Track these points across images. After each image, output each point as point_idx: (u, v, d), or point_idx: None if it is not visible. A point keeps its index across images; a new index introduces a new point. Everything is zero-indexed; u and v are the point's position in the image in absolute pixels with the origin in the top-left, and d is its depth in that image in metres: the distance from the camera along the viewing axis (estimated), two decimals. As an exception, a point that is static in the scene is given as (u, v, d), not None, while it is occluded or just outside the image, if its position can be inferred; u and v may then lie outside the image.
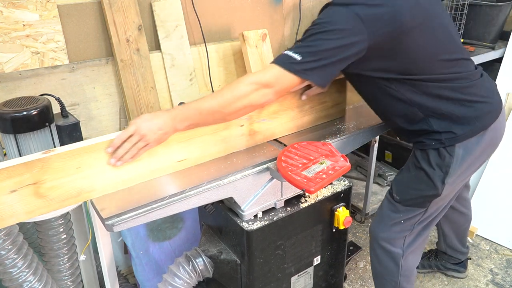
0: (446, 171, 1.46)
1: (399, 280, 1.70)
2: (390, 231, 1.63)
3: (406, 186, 1.57)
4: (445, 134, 1.44)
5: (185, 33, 2.27)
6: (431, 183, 1.48)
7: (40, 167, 1.11)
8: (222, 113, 1.27)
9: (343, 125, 1.70)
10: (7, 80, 1.84)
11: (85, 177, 1.19)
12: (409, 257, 1.68)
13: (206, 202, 1.31)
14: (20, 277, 1.42)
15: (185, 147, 1.35)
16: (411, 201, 1.55)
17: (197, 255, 1.57)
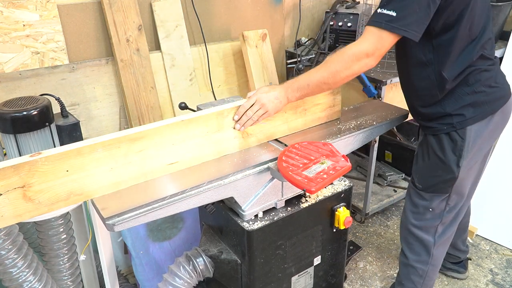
0: (459, 154, 1.51)
1: (428, 269, 1.76)
2: (422, 219, 1.69)
3: (425, 174, 1.63)
4: (457, 117, 1.49)
5: (185, 33, 2.27)
6: (448, 168, 1.54)
7: (27, 170, 1.08)
8: (328, 84, 1.42)
9: (343, 125, 1.70)
10: (7, 80, 1.84)
11: (74, 180, 1.17)
12: (440, 247, 1.74)
13: (206, 202, 1.31)
14: (20, 277, 1.41)
15: (177, 150, 1.33)
16: (433, 188, 1.61)
17: (197, 255, 1.57)
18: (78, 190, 1.19)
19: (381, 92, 2.14)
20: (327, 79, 1.40)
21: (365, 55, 1.35)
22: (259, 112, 1.42)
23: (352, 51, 1.36)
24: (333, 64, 1.39)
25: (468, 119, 1.48)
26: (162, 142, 1.29)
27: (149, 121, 2.16)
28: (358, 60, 1.36)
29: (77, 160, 1.15)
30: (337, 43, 2.60)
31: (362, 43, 1.36)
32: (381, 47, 1.35)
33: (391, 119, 1.78)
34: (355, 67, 1.38)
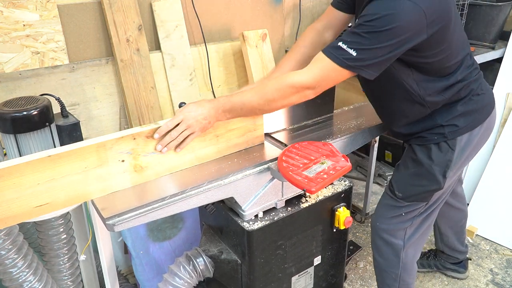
0: (447, 164, 1.48)
1: (400, 272, 1.73)
2: (390, 223, 1.66)
3: (408, 183, 1.58)
4: (448, 128, 1.46)
5: (185, 33, 2.27)
6: (433, 178, 1.50)
7: None
8: (263, 110, 1.37)
9: (343, 125, 1.70)
10: (7, 80, 1.84)
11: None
12: (409, 249, 1.70)
13: (207, 202, 1.31)
14: (20, 277, 1.41)
15: (46, 190, 1.15)
16: (414, 197, 1.57)
17: (197, 255, 1.57)
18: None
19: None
20: (262, 106, 1.32)
21: (306, 88, 1.28)
22: (185, 133, 1.28)
23: (293, 82, 1.28)
24: (270, 91, 1.30)
25: (460, 129, 1.46)
26: (24, 182, 1.10)
27: (149, 121, 2.16)
28: (297, 92, 1.29)
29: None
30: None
31: (306, 74, 1.28)
32: (328, 81, 1.28)
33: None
34: (293, 98, 1.31)
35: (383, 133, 1.85)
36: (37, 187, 1.12)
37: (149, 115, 2.16)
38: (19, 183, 1.09)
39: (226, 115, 1.33)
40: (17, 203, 1.11)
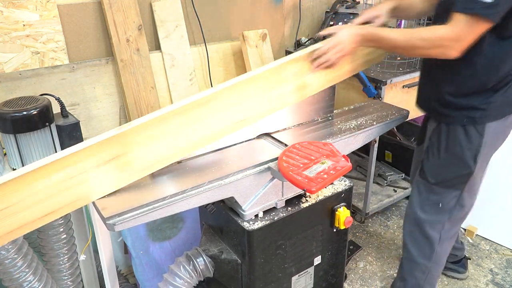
0: (477, 149, 1.52)
1: (431, 265, 1.76)
2: (430, 214, 1.68)
3: (440, 169, 1.61)
4: (480, 112, 1.48)
5: (185, 33, 2.27)
6: (464, 163, 1.55)
7: (118, 142, 1.16)
8: (403, 51, 1.46)
9: (343, 125, 1.70)
10: (7, 80, 1.84)
11: (159, 147, 1.24)
12: (444, 244, 1.73)
13: (207, 201, 1.31)
14: (20, 277, 1.41)
15: (243, 108, 1.39)
16: (448, 183, 1.61)
17: (197, 254, 1.57)
18: (163, 156, 1.26)
19: (381, 92, 2.14)
20: (403, 48, 1.42)
21: (450, 42, 1.31)
22: (338, 54, 1.48)
23: (439, 34, 1.33)
24: (416, 38, 1.38)
25: (489, 116, 1.48)
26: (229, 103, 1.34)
27: (149, 121, 2.16)
28: (440, 46, 1.34)
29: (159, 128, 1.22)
30: (337, 43, 2.60)
31: (451, 28, 1.30)
32: (472, 34, 1.29)
33: (391, 119, 1.78)
34: (435, 52, 1.36)
35: (383, 133, 1.85)
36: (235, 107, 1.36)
37: (149, 115, 2.16)
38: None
39: (369, 43, 1.49)
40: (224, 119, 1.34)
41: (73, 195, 1.13)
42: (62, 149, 1.57)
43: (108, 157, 1.16)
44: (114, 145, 1.16)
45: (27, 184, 1.05)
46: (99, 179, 1.16)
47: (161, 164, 1.27)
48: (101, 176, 1.16)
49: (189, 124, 1.27)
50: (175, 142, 1.27)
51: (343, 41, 1.46)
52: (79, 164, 1.11)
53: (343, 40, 1.46)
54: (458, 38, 1.30)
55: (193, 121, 1.28)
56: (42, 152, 1.48)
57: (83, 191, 1.14)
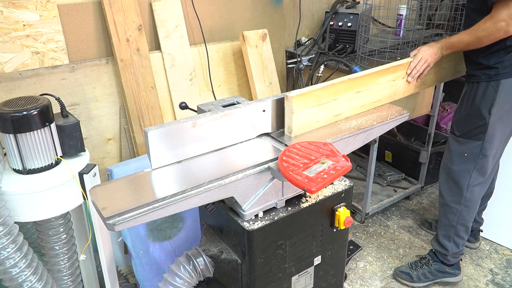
0: (491, 103, 1.86)
1: (461, 208, 2.08)
2: (459, 163, 2.04)
3: (463, 122, 1.98)
4: (494, 70, 1.84)
5: (185, 33, 2.27)
6: (480, 114, 1.90)
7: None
8: (474, 46, 1.82)
9: (343, 125, 1.70)
10: (7, 80, 1.84)
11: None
12: (473, 189, 2.05)
13: (207, 201, 1.31)
14: (20, 277, 1.41)
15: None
16: (469, 134, 1.96)
17: (197, 254, 1.57)
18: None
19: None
20: (473, 42, 1.80)
21: (505, 24, 1.65)
22: (424, 66, 1.88)
23: (491, 21, 1.69)
24: (478, 31, 1.75)
25: (502, 73, 1.82)
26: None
27: (149, 121, 2.16)
28: (497, 30, 1.68)
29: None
30: (337, 43, 2.60)
31: (496, 14, 1.66)
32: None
33: (391, 119, 1.78)
34: (497, 35, 1.70)
35: (383, 133, 1.85)
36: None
37: (149, 115, 2.16)
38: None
39: (447, 50, 1.92)
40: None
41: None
42: (62, 149, 1.57)
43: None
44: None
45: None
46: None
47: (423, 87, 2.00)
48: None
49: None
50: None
51: (425, 54, 1.88)
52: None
53: (425, 54, 1.89)
54: (505, 19, 1.64)
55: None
56: (42, 152, 1.48)
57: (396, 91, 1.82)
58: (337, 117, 1.67)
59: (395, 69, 1.83)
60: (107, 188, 1.26)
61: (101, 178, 1.63)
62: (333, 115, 1.66)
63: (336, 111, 1.66)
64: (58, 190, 1.47)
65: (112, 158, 2.21)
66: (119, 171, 1.89)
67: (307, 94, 1.51)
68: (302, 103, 1.51)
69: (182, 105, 1.81)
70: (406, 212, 2.84)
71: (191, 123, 1.38)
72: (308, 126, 1.58)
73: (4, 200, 1.38)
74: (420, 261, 2.25)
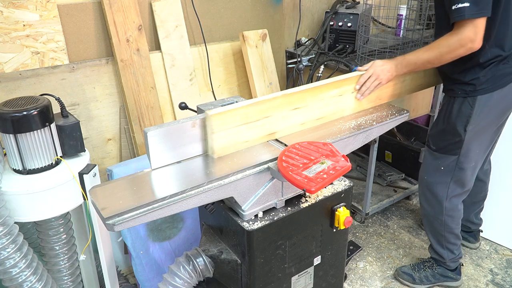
0: (467, 120, 1.80)
1: (444, 219, 2.05)
2: (435, 176, 2.00)
3: (438, 137, 1.93)
4: (470, 86, 1.77)
5: (185, 33, 2.27)
6: (455, 131, 1.84)
7: None
8: (433, 64, 1.73)
9: (343, 125, 1.70)
10: (7, 80, 1.84)
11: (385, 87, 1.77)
12: (452, 200, 2.01)
13: (206, 202, 1.31)
14: (20, 277, 1.41)
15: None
16: (444, 148, 1.91)
17: (197, 254, 1.57)
18: (380, 96, 1.79)
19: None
20: (433, 60, 1.69)
21: (468, 41, 1.59)
22: (375, 83, 1.73)
23: (456, 38, 1.61)
24: (440, 48, 1.66)
25: (479, 89, 1.75)
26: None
27: (149, 121, 2.16)
28: (462, 46, 1.61)
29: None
30: (337, 43, 2.60)
31: (461, 31, 1.59)
32: (477, 31, 1.57)
33: (391, 119, 1.78)
34: (460, 51, 1.62)
35: (383, 133, 1.85)
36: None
37: (149, 115, 2.16)
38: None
39: (403, 69, 1.76)
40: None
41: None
42: (62, 149, 1.57)
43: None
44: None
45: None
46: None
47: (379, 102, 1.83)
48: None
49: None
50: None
51: (377, 70, 1.73)
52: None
53: (377, 70, 1.73)
54: (470, 37, 1.58)
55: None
56: (42, 152, 1.48)
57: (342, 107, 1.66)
58: (271, 135, 1.52)
59: (340, 84, 1.67)
60: (107, 188, 1.26)
61: (101, 178, 1.63)
62: (266, 134, 1.50)
63: (270, 130, 1.50)
64: (58, 190, 1.48)
65: (112, 158, 2.21)
66: (119, 171, 1.89)
67: (230, 112, 1.37)
68: (224, 122, 1.37)
69: (182, 106, 1.81)
70: (406, 212, 2.84)
71: (191, 123, 1.38)
72: (234, 146, 1.44)
73: (4, 200, 1.38)
74: (423, 263, 2.24)
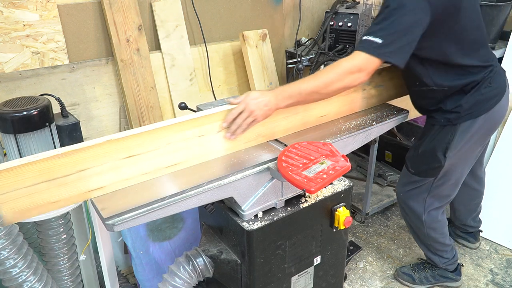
0: (447, 146, 1.71)
1: (426, 231, 2.00)
2: (411, 194, 1.95)
3: (417, 162, 1.86)
4: (454, 114, 1.68)
5: (185, 33, 2.27)
6: (435, 157, 1.75)
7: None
8: (320, 94, 1.44)
9: (343, 125, 1.70)
10: (7, 80, 1.84)
11: (263, 124, 1.45)
12: (430, 213, 1.95)
13: (206, 202, 1.31)
14: (20, 277, 1.41)
15: (325, 106, 1.62)
16: (423, 173, 1.85)
17: (197, 255, 1.57)
18: (263, 133, 1.49)
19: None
20: (319, 89, 1.42)
21: (357, 70, 1.42)
22: (248, 120, 1.37)
23: (345, 65, 1.42)
24: (326, 75, 1.42)
25: (463, 116, 1.66)
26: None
27: (149, 121, 2.16)
28: (351, 74, 1.42)
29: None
30: (337, 43, 2.60)
31: (354, 59, 1.43)
32: (371, 66, 1.44)
33: (391, 119, 1.78)
34: (348, 80, 1.42)
35: (383, 133, 1.85)
36: (321, 103, 1.59)
37: (149, 115, 2.16)
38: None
39: (285, 101, 1.41)
40: (310, 112, 1.58)
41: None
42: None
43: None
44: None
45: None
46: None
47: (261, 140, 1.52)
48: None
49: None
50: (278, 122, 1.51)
51: (251, 104, 1.36)
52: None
53: (251, 104, 1.36)
54: (361, 68, 1.42)
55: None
56: (42, 152, 1.48)
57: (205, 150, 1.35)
58: (93, 192, 1.19)
59: (200, 122, 1.32)
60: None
61: (101, 178, 1.63)
62: (86, 191, 1.18)
63: (91, 185, 1.18)
64: (58, 190, 1.47)
65: (112, 158, 2.21)
66: (119, 171, 1.89)
67: (17, 169, 1.04)
68: (8, 183, 1.04)
69: (182, 106, 1.81)
70: (406, 212, 2.84)
71: (190, 123, 1.37)
72: (36, 209, 1.13)
73: (4, 200, 1.38)
74: (423, 264, 2.24)
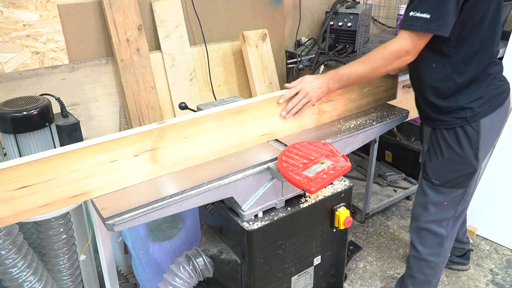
0: (476, 147, 1.56)
1: (440, 261, 1.80)
2: (436, 214, 1.72)
3: (443, 170, 1.64)
4: (469, 111, 1.53)
5: (185, 33, 2.27)
6: (467, 162, 1.58)
7: (157, 135, 1.25)
8: (368, 78, 1.54)
9: (343, 125, 1.70)
10: (7, 80, 1.84)
11: (190, 146, 1.34)
12: (450, 239, 1.78)
13: (206, 202, 1.31)
14: (20, 277, 1.41)
15: (267, 124, 1.51)
16: (452, 182, 1.64)
17: (197, 255, 1.57)
18: (192, 155, 1.36)
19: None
20: (367, 73, 1.51)
21: (405, 53, 1.43)
22: (303, 101, 1.51)
23: (392, 49, 1.45)
24: (374, 61, 1.48)
25: (480, 112, 1.53)
26: (258, 115, 1.46)
27: (149, 121, 2.16)
28: (398, 58, 1.45)
29: (193, 128, 1.32)
30: (337, 43, 2.60)
31: (402, 41, 1.43)
32: (419, 45, 1.43)
33: (391, 119, 1.78)
34: (395, 64, 1.46)
35: (383, 133, 1.85)
36: (263, 120, 1.50)
37: (149, 115, 2.16)
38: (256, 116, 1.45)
39: (335, 85, 1.54)
40: (251, 131, 1.47)
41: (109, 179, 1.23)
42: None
43: (144, 149, 1.26)
44: (150, 137, 1.26)
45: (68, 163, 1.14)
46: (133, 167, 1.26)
47: (191, 163, 1.38)
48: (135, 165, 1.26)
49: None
50: (205, 144, 1.39)
51: (307, 87, 1.51)
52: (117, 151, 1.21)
53: (306, 86, 1.51)
54: (408, 50, 1.43)
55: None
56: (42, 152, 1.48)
57: (118, 177, 1.24)
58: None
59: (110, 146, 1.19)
60: (106, 188, 1.25)
61: (101, 178, 1.63)
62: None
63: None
64: (58, 190, 1.47)
65: (112, 158, 2.21)
66: (119, 171, 1.89)
67: None
68: None
69: (182, 106, 1.81)
70: (406, 212, 2.84)
71: (190, 123, 1.37)
72: None
73: (4, 200, 1.38)
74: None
